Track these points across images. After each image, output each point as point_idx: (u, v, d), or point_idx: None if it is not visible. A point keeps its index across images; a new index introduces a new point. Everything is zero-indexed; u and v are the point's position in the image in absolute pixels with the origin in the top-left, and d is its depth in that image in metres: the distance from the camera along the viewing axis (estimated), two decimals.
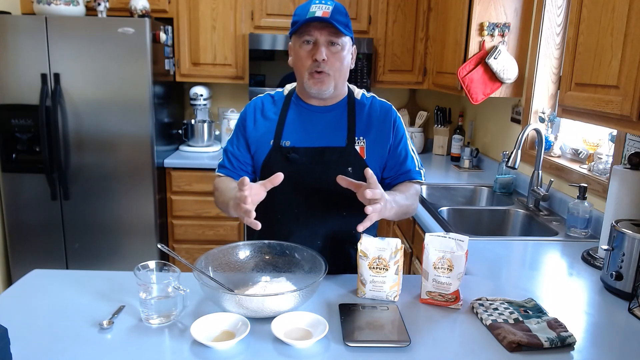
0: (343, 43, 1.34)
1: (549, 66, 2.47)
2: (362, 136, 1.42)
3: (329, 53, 1.32)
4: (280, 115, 1.44)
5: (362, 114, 1.44)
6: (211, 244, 3.07)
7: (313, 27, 1.31)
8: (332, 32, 1.31)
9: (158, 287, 1.12)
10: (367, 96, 1.48)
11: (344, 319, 1.14)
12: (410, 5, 3.18)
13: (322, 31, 1.31)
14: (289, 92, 1.49)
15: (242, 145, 1.47)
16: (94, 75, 2.71)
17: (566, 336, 1.07)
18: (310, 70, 1.34)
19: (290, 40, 1.41)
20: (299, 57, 1.36)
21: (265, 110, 1.47)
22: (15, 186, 2.82)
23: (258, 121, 1.46)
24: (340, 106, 1.44)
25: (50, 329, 1.08)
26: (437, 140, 3.50)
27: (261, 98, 1.50)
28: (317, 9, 1.29)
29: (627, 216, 1.47)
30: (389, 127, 1.44)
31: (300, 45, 1.35)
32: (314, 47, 1.33)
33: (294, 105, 1.45)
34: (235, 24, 3.15)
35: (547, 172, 2.29)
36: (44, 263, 2.89)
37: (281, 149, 1.40)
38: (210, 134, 3.31)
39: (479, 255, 1.63)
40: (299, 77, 1.39)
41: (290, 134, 1.42)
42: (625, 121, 1.29)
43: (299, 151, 1.39)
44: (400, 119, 1.47)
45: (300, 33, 1.33)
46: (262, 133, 1.44)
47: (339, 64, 1.35)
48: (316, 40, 1.32)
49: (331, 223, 1.43)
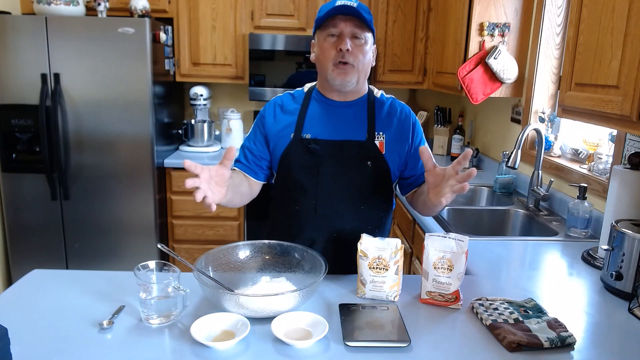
0: (366, 38, 1.37)
1: (549, 66, 2.47)
2: (381, 131, 1.44)
3: (353, 45, 1.35)
4: (301, 110, 1.46)
5: (381, 111, 1.46)
6: (211, 244, 3.07)
7: (339, 19, 1.34)
8: (357, 24, 1.34)
9: (158, 287, 1.12)
10: (386, 96, 1.51)
11: (344, 319, 1.14)
12: (410, 5, 3.18)
13: (347, 23, 1.34)
14: (309, 89, 1.51)
15: (259, 141, 1.49)
16: (94, 75, 2.71)
17: (566, 336, 1.07)
18: (335, 61, 1.36)
19: (314, 38, 1.43)
20: (322, 50, 1.38)
21: (285, 106, 1.49)
22: (15, 186, 2.82)
23: (278, 116, 1.48)
24: (361, 102, 1.47)
25: (50, 329, 1.08)
26: (437, 140, 3.50)
27: (281, 97, 1.53)
28: (343, 2, 1.33)
29: (627, 216, 1.47)
30: (408, 129, 1.46)
31: (324, 39, 1.37)
32: (339, 39, 1.35)
33: (315, 100, 1.48)
34: (235, 24, 3.15)
35: (547, 172, 2.29)
36: (44, 263, 2.89)
37: (302, 140, 1.42)
38: (210, 134, 3.31)
39: (479, 255, 1.63)
40: (322, 70, 1.41)
41: (311, 127, 1.44)
42: (625, 121, 1.29)
43: (320, 143, 1.41)
44: (419, 123, 1.51)
45: (325, 26, 1.36)
46: (283, 127, 1.46)
47: (362, 56, 1.37)
48: (341, 32, 1.35)
49: (349, 216, 1.44)
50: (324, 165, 1.41)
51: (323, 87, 1.46)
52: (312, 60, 1.45)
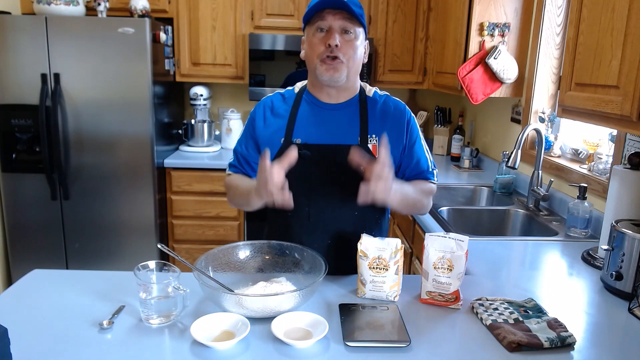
0: (357, 32, 1.32)
1: (549, 66, 2.47)
2: (375, 134, 1.39)
3: (342, 40, 1.30)
4: (291, 113, 1.41)
5: (374, 111, 1.41)
6: (211, 244, 3.07)
7: (327, 12, 1.29)
8: (347, 18, 1.29)
9: (158, 287, 1.12)
10: (379, 94, 1.46)
11: (344, 319, 1.14)
12: (410, 5, 3.18)
13: (336, 16, 1.29)
14: (300, 89, 1.46)
15: (250, 146, 1.45)
16: (94, 75, 2.71)
17: (566, 336, 1.07)
18: (322, 57, 1.31)
19: (303, 35, 1.39)
20: (311, 45, 1.33)
21: (276, 108, 1.44)
22: (15, 186, 2.82)
23: (268, 119, 1.43)
24: (352, 104, 1.42)
25: (50, 329, 1.08)
26: (437, 140, 3.50)
27: (271, 97, 1.48)
28: None
29: (627, 216, 1.47)
30: (403, 129, 1.41)
31: (313, 34, 1.33)
32: (327, 34, 1.30)
33: (305, 102, 1.43)
34: (235, 24, 3.15)
35: (547, 172, 2.29)
36: (44, 263, 2.89)
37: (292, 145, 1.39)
38: (210, 134, 3.31)
39: (479, 255, 1.63)
40: (311, 66, 1.36)
41: (301, 131, 1.39)
42: (625, 121, 1.29)
43: (311, 148, 1.37)
44: (414, 119, 1.45)
45: (314, 21, 1.32)
46: (273, 131, 1.41)
47: (352, 52, 1.32)
48: (330, 27, 1.30)
49: (343, 222, 1.41)
50: (316, 171, 1.37)
51: (313, 85, 1.41)
52: (302, 57, 1.40)
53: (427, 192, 1.44)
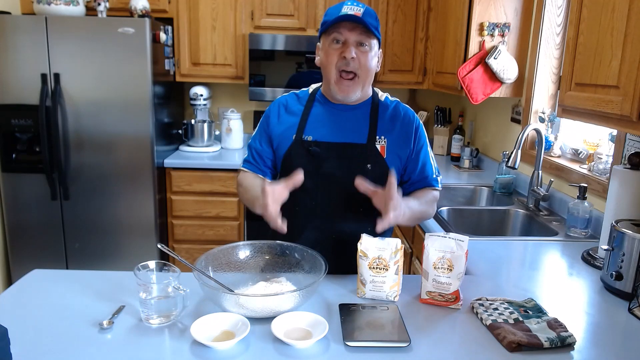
0: (372, 44, 1.37)
1: (549, 66, 2.47)
2: (383, 135, 1.44)
3: (357, 52, 1.35)
4: (304, 111, 1.47)
5: (384, 114, 1.47)
6: (211, 244, 3.07)
7: (343, 26, 1.34)
8: (363, 32, 1.34)
9: (158, 287, 1.12)
10: (390, 99, 1.52)
11: (344, 319, 1.14)
12: (410, 5, 3.18)
13: (352, 32, 1.34)
14: (314, 90, 1.52)
15: (264, 141, 1.50)
16: (94, 75, 2.71)
17: (566, 336, 1.07)
18: (339, 69, 1.37)
19: (319, 41, 1.44)
20: (327, 55, 1.38)
21: (290, 107, 1.50)
22: (15, 186, 2.82)
23: (282, 116, 1.49)
24: (364, 106, 1.47)
25: (50, 329, 1.08)
26: (437, 140, 3.50)
27: (286, 97, 1.54)
28: (349, 10, 1.32)
29: (627, 216, 1.47)
30: (411, 133, 1.47)
31: (329, 44, 1.37)
32: (343, 46, 1.35)
33: (318, 102, 1.49)
34: (235, 24, 3.15)
35: (547, 172, 2.29)
36: (44, 263, 2.89)
37: (303, 142, 1.43)
38: (210, 134, 3.31)
39: (479, 255, 1.63)
40: (327, 75, 1.41)
41: (312, 129, 1.45)
42: (625, 121, 1.29)
43: (321, 145, 1.42)
44: (422, 127, 1.51)
45: (330, 31, 1.36)
46: (286, 128, 1.47)
47: (366, 63, 1.37)
48: (346, 40, 1.35)
49: (348, 219, 1.45)
50: (324, 167, 1.42)
51: (327, 91, 1.47)
52: (317, 64, 1.46)
53: (431, 201, 1.50)
